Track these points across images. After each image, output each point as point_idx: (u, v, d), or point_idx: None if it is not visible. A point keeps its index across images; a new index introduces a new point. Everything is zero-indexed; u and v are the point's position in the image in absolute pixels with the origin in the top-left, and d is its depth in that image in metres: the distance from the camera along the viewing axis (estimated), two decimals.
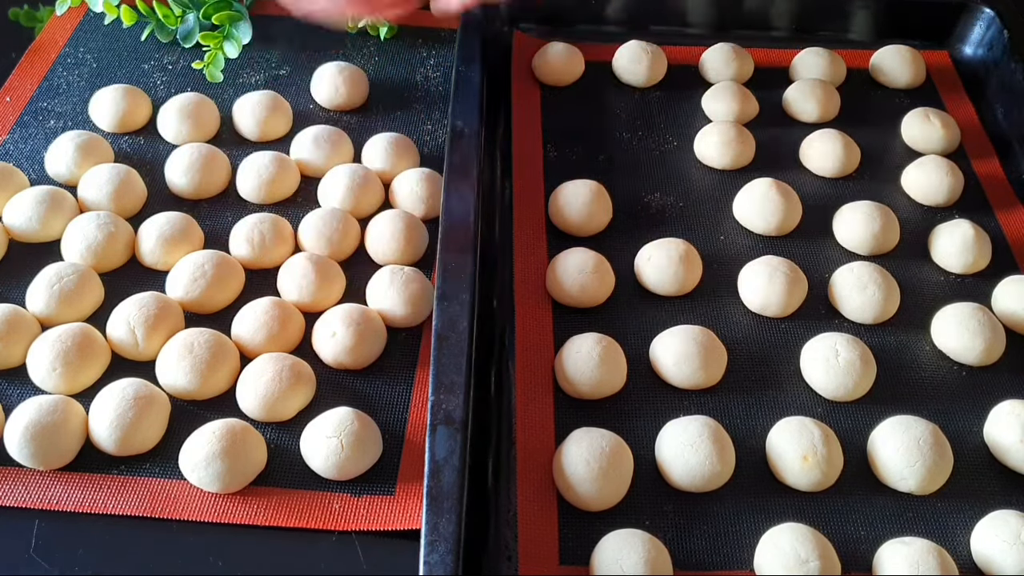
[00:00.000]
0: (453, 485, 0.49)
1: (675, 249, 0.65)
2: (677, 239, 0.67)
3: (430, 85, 0.82)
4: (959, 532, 0.54)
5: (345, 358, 0.60)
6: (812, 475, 0.55)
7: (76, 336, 0.58)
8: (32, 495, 0.53)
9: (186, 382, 0.57)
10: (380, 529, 0.53)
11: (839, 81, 0.83)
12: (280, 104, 0.76)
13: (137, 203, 0.69)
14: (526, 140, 0.76)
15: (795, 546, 0.51)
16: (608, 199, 0.70)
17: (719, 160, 0.75)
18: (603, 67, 0.83)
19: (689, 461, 0.54)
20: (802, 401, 0.60)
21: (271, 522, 0.53)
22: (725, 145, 0.74)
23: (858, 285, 0.64)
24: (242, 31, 0.81)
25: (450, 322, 0.56)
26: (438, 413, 0.52)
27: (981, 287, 0.67)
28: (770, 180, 0.70)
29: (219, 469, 0.53)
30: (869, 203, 0.70)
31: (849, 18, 0.88)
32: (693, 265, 0.66)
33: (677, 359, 0.60)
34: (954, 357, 0.63)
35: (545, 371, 0.60)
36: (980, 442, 0.59)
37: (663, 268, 0.65)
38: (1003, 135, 0.80)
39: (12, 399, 0.58)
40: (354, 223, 0.68)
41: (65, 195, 0.68)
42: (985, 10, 0.85)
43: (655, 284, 0.65)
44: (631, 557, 0.50)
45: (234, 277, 0.64)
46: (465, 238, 0.61)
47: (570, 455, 0.54)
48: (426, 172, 0.71)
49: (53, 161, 0.71)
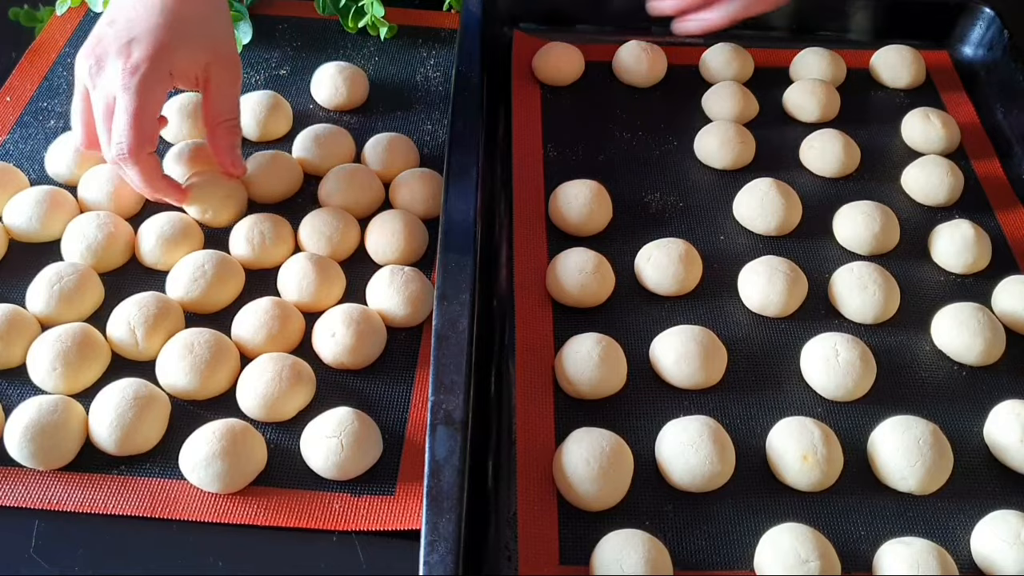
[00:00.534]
0: (453, 485, 0.49)
1: (675, 249, 0.65)
2: (677, 239, 0.66)
3: (430, 85, 0.82)
4: (959, 532, 0.54)
5: (345, 358, 0.60)
6: (812, 475, 0.55)
7: (76, 336, 0.58)
8: (32, 495, 0.53)
9: (186, 382, 0.57)
10: (380, 529, 0.53)
11: (839, 81, 0.83)
12: (280, 104, 0.76)
13: (137, 203, 0.69)
14: (526, 140, 0.76)
15: (795, 546, 0.51)
16: (608, 199, 0.70)
17: (719, 160, 0.75)
18: (603, 67, 0.83)
19: (689, 461, 0.54)
20: (802, 401, 0.60)
21: (271, 522, 0.53)
22: (725, 145, 0.74)
23: (858, 285, 0.65)
24: (242, 31, 0.81)
25: (450, 322, 0.56)
26: (438, 413, 0.52)
27: (981, 287, 0.67)
28: (770, 180, 0.70)
29: (219, 469, 0.53)
30: (869, 203, 0.70)
31: (849, 18, 0.88)
32: (693, 265, 0.66)
33: (677, 359, 0.60)
34: (954, 357, 0.63)
35: (545, 371, 0.60)
36: (980, 442, 0.59)
37: (663, 268, 0.65)
38: (1003, 135, 0.80)
39: (12, 399, 0.58)
40: (354, 223, 0.68)
41: (65, 195, 0.68)
42: (985, 10, 0.85)
43: (655, 284, 0.65)
44: (631, 557, 0.50)
45: (234, 277, 0.64)
46: (465, 238, 0.61)
47: (570, 455, 0.54)
48: (426, 172, 0.71)
49: (53, 161, 0.71)
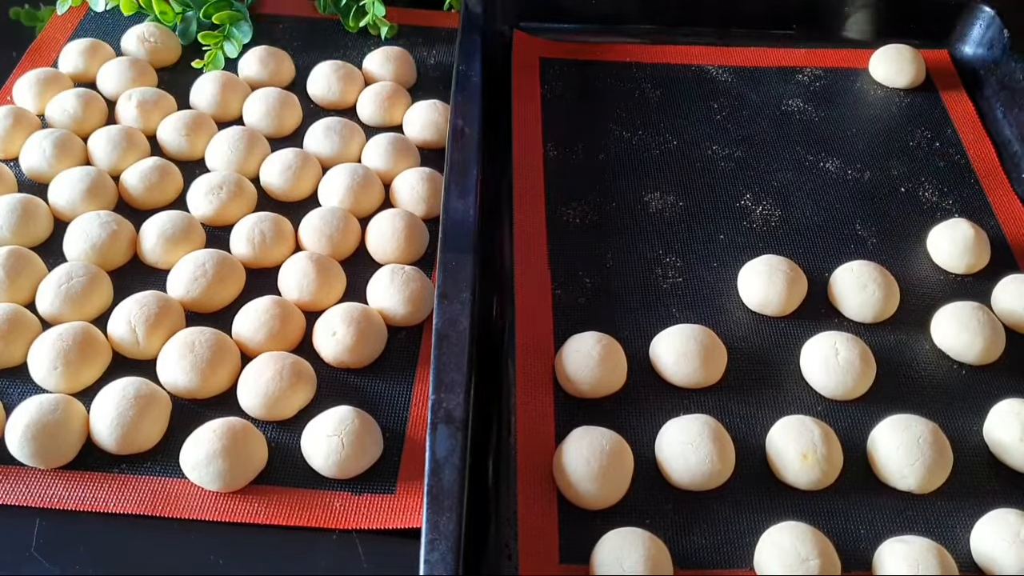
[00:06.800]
0: (453, 484, 0.49)
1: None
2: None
3: (430, 85, 0.82)
4: (959, 531, 0.54)
5: (346, 357, 0.60)
6: (812, 474, 0.55)
7: (77, 335, 0.58)
8: (33, 494, 0.53)
9: (187, 381, 0.57)
10: (380, 528, 0.53)
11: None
12: (290, 99, 0.77)
13: (112, 198, 0.69)
14: (526, 140, 0.76)
15: (795, 544, 0.51)
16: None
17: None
18: (603, 67, 0.84)
19: (689, 460, 0.54)
20: (802, 400, 0.60)
21: (272, 521, 0.53)
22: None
23: (858, 284, 0.65)
24: (242, 31, 0.81)
25: (450, 321, 0.56)
26: (438, 412, 0.52)
27: (981, 286, 0.68)
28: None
29: (220, 468, 0.53)
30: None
31: (849, 17, 0.88)
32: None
33: (677, 358, 0.60)
34: (954, 356, 0.63)
35: (545, 370, 0.61)
36: (980, 441, 0.59)
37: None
38: (1003, 135, 0.80)
39: (13, 398, 0.58)
40: (355, 222, 0.68)
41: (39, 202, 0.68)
42: (985, 9, 0.85)
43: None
44: (631, 556, 0.50)
45: (235, 276, 0.64)
46: (465, 238, 0.61)
47: (570, 454, 0.54)
48: (426, 172, 0.71)
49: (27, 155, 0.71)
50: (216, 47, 0.79)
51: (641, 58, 0.85)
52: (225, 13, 0.79)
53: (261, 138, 0.74)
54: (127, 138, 0.72)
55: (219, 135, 0.73)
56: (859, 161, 0.77)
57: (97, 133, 0.72)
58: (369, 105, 0.77)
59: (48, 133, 0.71)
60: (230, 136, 0.72)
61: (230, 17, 0.80)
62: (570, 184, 0.73)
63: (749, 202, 0.73)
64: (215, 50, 0.79)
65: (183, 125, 0.73)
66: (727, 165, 0.76)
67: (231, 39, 0.80)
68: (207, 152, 0.73)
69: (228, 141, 0.72)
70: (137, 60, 0.79)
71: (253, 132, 0.74)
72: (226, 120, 0.76)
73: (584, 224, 0.70)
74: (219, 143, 0.72)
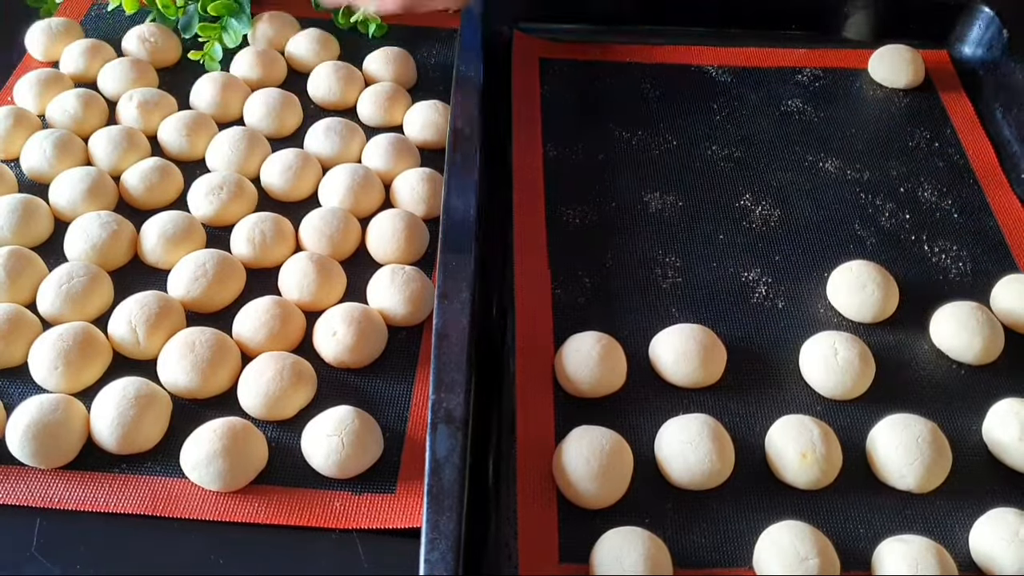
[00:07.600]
0: (453, 483, 0.49)
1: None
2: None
3: (430, 85, 0.82)
4: (958, 530, 0.55)
5: (346, 357, 0.60)
6: (811, 473, 0.55)
7: (77, 335, 0.58)
8: (34, 494, 0.54)
9: (187, 381, 0.58)
10: (380, 527, 0.53)
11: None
12: (291, 100, 0.77)
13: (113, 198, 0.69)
14: (526, 140, 0.76)
15: (794, 544, 0.51)
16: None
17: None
18: (603, 67, 0.84)
19: (689, 459, 0.54)
20: (801, 399, 0.61)
21: (272, 520, 0.53)
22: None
23: (857, 284, 0.65)
24: (241, 22, 0.81)
25: (450, 321, 0.56)
26: (439, 411, 0.52)
27: (980, 286, 0.68)
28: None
29: (220, 467, 0.53)
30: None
31: (848, 17, 0.89)
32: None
33: (677, 357, 0.60)
34: (953, 356, 0.63)
35: (545, 369, 0.61)
36: (979, 440, 0.59)
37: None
38: (1002, 135, 0.80)
39: (13, 398, 0.58)
40: (355, 222, 0.68)
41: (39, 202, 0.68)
42: (985, 10, 0.86)
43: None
44: (631, 555, 0.50)
45: (235, 276, 0.64)
46: (465, 238, 0.61)
47: (570, 453, 0.54)
48: (426, 172, 0.72)
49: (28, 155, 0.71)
50: (214, 38, 0.79)
51: (641, 58, 0.85)
52: (222, 3, 0.79)
53: (261, 138, 0.74)
54: (128, 138, 0.72)
55: (220, 135, 0.73)
56: (858, 161, 0.77)
57: (98, 133, 0.73)
58: (369, 105, 0.77)
59: (49, 133, 0.71)
60: (231, 136, 0.72)
61: (228, 9, 0.80)
62: (570, 184, 0.73)
63: (748, 202, 0.73)
64: (212, 41, 0.79)
65: (184, 125, 0.73)
66: (727, 165, 0.76)
67: (228, 30, 0.80)
68: (208, 152, 0.73)
69: (229, 141, 0.72)
70: (138, 60, 0.79)
71: (254, 132, 0.74)
72: (226, 120, 0.77)
73: (584, 224, 0.71)
74: (220, 143, 0.72)
